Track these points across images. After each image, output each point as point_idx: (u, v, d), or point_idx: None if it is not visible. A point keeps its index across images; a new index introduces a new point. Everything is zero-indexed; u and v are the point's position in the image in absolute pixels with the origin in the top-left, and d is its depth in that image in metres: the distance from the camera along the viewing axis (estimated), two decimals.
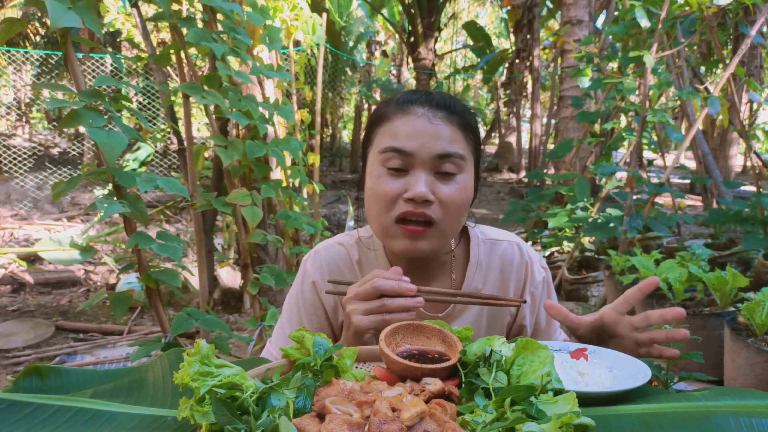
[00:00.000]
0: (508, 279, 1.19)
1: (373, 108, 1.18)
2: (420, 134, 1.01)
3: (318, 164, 3.73)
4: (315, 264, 1.19)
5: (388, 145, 1.02)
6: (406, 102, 1.05)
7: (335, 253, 1.19)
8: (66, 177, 7.33)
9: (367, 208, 1.09)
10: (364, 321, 0.92)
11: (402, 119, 1.03)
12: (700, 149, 4.77)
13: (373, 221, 1.08)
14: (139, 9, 2.37)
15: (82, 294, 4.60)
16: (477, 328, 1.18)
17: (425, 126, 1.02)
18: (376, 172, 1.04)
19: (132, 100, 1.87)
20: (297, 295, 1.20)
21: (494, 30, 20.63)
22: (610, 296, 3.69)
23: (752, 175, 4.09)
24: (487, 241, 1.20)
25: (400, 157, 1.01)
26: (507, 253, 1.19)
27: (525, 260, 1.20)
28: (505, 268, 1.19)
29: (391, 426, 0.56)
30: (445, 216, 1.03)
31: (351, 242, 1.21)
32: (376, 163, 1.04)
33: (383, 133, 1.05)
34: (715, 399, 0.69)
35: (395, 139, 1.02)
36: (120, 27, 6.03)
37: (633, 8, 3.56)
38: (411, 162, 1.01)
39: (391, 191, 1.02)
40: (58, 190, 1.73)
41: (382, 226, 1.05)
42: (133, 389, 0.81)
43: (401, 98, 1.07)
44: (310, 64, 3.70)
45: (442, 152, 1.01)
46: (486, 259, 1.18)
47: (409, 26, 13.11)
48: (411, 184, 1.00)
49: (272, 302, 3.82)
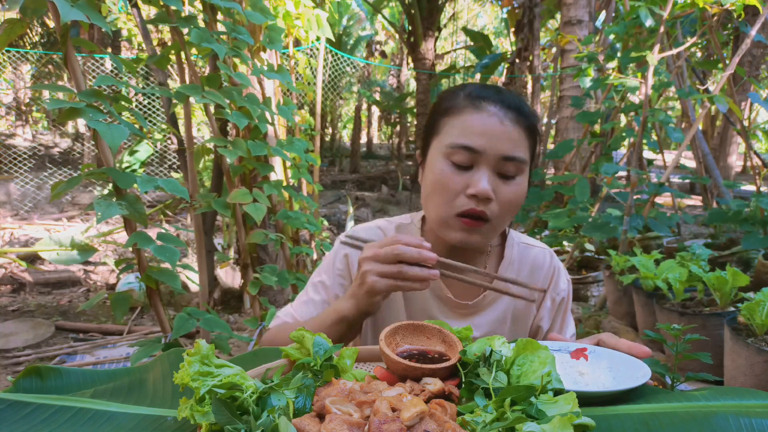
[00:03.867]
0: (536, 281, 1.22)
1: (440, 95, 1.16)
2: (490, 133, 1.02)
3: (318, 164, 3.73)
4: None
5: (458, 142, 1.02)
6: (478, 97, 1.05)
7: (373, 234, 1.22)
8: (66, 177, 7.32)
9: (426, 195, 1.10)
10: (380, 283, 0.94)
11: (473, 115, 1.03)
12: (700, 149, 4.77)
13: (432, 210, 1.09)
14: (139, 9, 2.36)
15: (82, 294, 4.60)
16: (502, 324, 1.20)
17: (496, 126, 1.02)
18: (440, 164, 1.05)
19: (132, 101, 1.87)
20: (327, 265, 1.22)
21: (494, 30, 20.64)
22: (610, 296, 3.68)
23: (752, 175, 4.09)
24: (521, 244, 1.24)
25: (467, 154, 1.02)
26: (539, 257, 1.23)
27: (553, 266, 1.24)
28: (534, 270, 1.22)
29: (391, 426, 0.56)
30: (501, 214, 1.05)
31: (389, 227, 1.23)
32: (441, 155, 1.05)
33: (452, 125, 1.05)
34: (715, 399, 0.69)
35: (465, 135, 1.02)
36: (121, 27, 6.03)
37: (634, 8, 3.56)
38: (477, 159, 1.02)
39: (456, 186, 1.03)
40: (58, 190, 1.73)
41: (441, 217, 1.07)
42: (133, 389, 0.81)
43: (473, 92, 1.06)
44: (310, 64, 3.70)
45: (508, 155, 1.02)
46: (518, 259, 1.22)
47: (409, 26, 13.11)
48: (475, 181, 1.02)
49: (272, 302, 3.82)
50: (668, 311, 2.72)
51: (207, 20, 2.36)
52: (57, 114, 12.19)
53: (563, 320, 1.25)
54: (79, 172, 2.43)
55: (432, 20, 12.87)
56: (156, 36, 7.26)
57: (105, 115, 1.69)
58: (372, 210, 8.99)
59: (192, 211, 2.39)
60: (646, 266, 3.01)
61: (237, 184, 2.64)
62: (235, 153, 2.29)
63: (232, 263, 4.24)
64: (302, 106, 6.83)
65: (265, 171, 2.52)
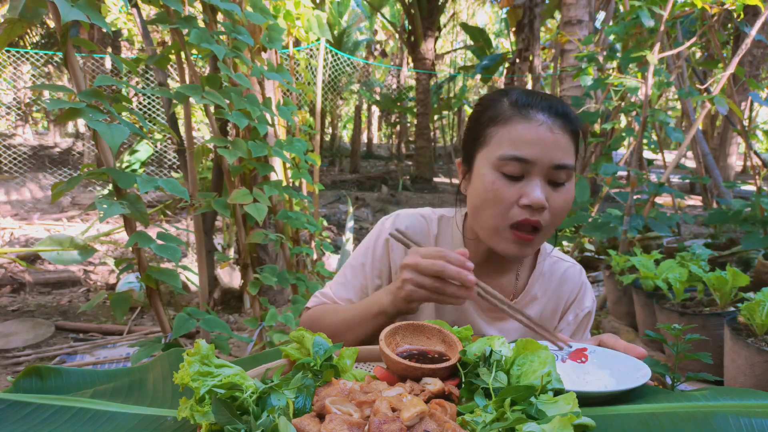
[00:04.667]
0: (562, 295, 1.23)
1: (481, 102, 1.15)
2: (541, 143, 1.01)
3: (318, 164, 3.73)
4: (395, 225, 1.21)
5: (510, 153, 1.01)
6: (526, 106, 1.04)
7: (416, 221, 1.22)
8: (66, 177, 7.33)
9: (476, 207, 1.08)
10: (417, 293, 0.95)
11: (523, 125, 1.02)
12: (700, 149, 4.77)
13: (483, 223, 1.08)
14: (139, 9, 2.36)
15: (82, 294, 4.60)
16: (524, 335, 1.19)
17: (547, 135, 1.01)
18: (490, 175, 1.04)
19: (132, 101, 1.88)
20: (367, 248, 1.22)
21: (494, 29, 20.64)
22: (610, 296, 3.68)
23: (752, 175, 4.09)
24: (553, 257, 1.25)
25: (519, 165, 1.01)
26: (569, 272, 1.24)
27: (581, 282, 1.25)
28: (563, 285, 1.23)
29: (391, 426, 0.56)
30: (552, 221, 1.05)
31: (433, 217, 1.23)
32: (490, 167, 1.04)
33: (501, 136, 1.04)
34: (715, 399, 0.69)
35: (516, 147, 1.01)
36: (121, 27, 6.04)
37: (634, 8, 3.56)
38: (528, 169, 1.01)
39: (509, 197, 1.02)
40: (58, 190, 1.73)
41: (494, 229, 1.06)
42: (133, 389, 0.81)
43: (519, 100, 1.05)
44: (310, 64, 3.70)
45: (559, 163, 1.02)
46: (549, 272, 1.23)
47: (409, 26, 13.12)
48: (529, 191, 1.01)
49: (272, 302, 3.82)
50: (668, 311, 2.72)
51: (207, 21, 2.36)
52: (57, 114, 12.19)
53: (582, 336, 1.26)
54: (79, 172, 2.44)
55: (432, 20, 12.87)
56: (156, 36, 7.26)
57: (105, 115, 1.69)
58: (372, 210, 8.99)
59: (192, 211, 2.39)
60: (646, 266, 3.01)
61: (237, 185, 2.64)
62: (235, 153, 2.29)
63: (232, 263, 4.24)
64: (302, 107, 6.83)
65: (265, 171, 2.52)
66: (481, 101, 1.13)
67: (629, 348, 0.88)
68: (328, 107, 14.44)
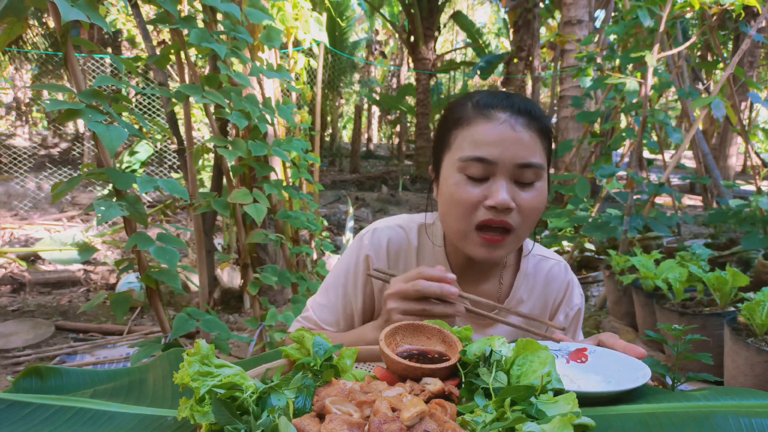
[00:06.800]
0: (550, 295, 1.21)
1: (447, 107, 1.14)
2: (502, 142, 0.99)
3: (318, 164, 3.73)
4: (373, 240, 1.18)
5: (471, 155, 1.00)
6: (487, 106, 1.02)
7: (395, 234, 1.18)
8: (66, 177, 7.33)
9: (444, 212, 1.07)
10: (405, 321, 0.94)
11: (484, 125, 1.01)
12: (700, 149, 4.77)
13: (451, 226, 1.07)
14: (138, 9, 2.37)
15: (82, 294, 4.60)
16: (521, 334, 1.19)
17: (508, 133, 0.99)
18: (454, 178, 1.02)
19: (132, 101, 1.88)
20: (347, 266, 1.19)
21: (494, 29, 20.63)
22: (610, 296, 3.68)
23: (752, 175, 4.09)
24: (537, 256, 1.23)
25: (482, 166, 1.00)
26: (553, 270, 1.22)
27: (567, 280, 1.23)
28: (549, 284, 1.21)
29: (391, 426, 0.56)
30: (523, 223, 1.03)
31: (412, 227, 1.20)
32: (454, 169, 1.02)
33: (463, 138, 1.02)
34: (715, 399, 0.69)
35: (477, 147, 1.00)
36: (121, 27, 6.04)
37: (634, 8, 3.56)
38: (492, 170, 1.00)
39: (473, 198, 1.00)
40: (58, 190, 1.73)
41: (461, 232, 1.04)
42: (133, 389, 0.81)
43: (480, 101, 1.04)
44: (310, 64, 3.70)
45: (523, 162, 1.00)
46: (533, 272, 1.21)
47: (409, 26, 13.12)
48: (493, 191, 0.99)
49: (272, 302, 3.82)
50: (668, 311, 2.72)
51: (206, 20, 2.36)
52: (57, 114, 12.16)
53: (574, 333, 1.25)
54: (79, 172, 2.43)
55: (432, 20, 12.87)
56: (156, 36, 7.26)
57: (104, 116, 1.69)
58: (372, 210, 8.99)
59: (192, 211, 2.39)
60: (646, 266, 3.01)
61: (237, 184, 2.64)
62: (235, 153, 2.29)
63: (232, 263, 4.24)
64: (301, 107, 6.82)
65: (265, 171, 2.52)
66: (448, 105, 1.12)
67: (628, 347, 0.87)
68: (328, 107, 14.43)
